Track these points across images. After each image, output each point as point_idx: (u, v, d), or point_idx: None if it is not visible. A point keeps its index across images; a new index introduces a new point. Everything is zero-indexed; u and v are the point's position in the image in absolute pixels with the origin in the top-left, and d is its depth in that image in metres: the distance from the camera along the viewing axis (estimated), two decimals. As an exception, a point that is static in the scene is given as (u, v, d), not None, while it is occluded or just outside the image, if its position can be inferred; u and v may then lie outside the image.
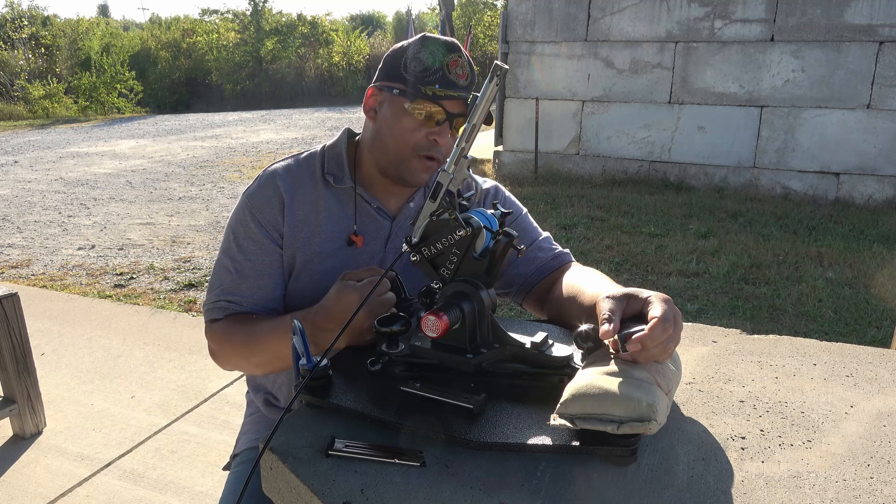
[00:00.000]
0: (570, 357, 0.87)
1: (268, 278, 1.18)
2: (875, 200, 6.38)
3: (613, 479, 0.71)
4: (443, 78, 1.10)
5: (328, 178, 1.19)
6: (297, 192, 1.18)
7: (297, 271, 1.18)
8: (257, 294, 1.18)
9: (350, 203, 1.20)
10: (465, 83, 1.12)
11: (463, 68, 1.12)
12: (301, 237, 1.17)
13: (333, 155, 1.23)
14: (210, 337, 1.20)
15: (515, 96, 7.70)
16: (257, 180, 1.22)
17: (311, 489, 0.71)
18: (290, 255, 1.18)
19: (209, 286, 1.22)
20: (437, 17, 18.52)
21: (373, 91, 1.18)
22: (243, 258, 1.18)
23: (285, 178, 1.19)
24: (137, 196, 7.33)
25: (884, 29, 6.04)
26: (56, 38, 21.79)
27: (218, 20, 24.74)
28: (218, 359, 1.22)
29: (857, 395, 0.90)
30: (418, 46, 1.12)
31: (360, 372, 0.93)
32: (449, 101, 1.10)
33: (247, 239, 1.18)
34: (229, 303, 1.18)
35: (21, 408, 2.57)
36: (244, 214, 1.19)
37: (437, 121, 1.11)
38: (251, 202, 1.19)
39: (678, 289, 4.10)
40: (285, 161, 1.23)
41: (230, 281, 1.18)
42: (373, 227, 1.20)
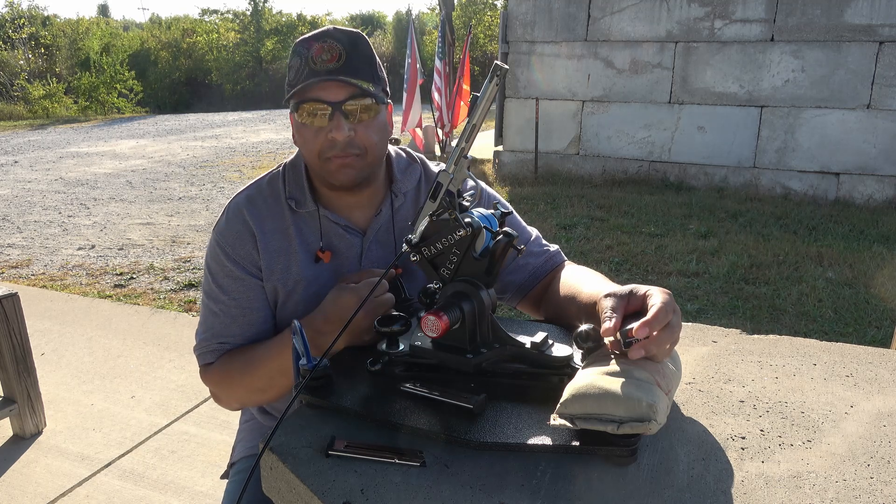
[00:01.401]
0: (570, 357, 0.87)
1: (255, 313, 1.14)
2: (875, 200, 6.38)
3: (613, 479, 0.71)
4: (308, 74, 1.04)
5: (290, 203, 1.15)
6: (265, 223, 1.14)
7: (282, 301, 1.15)
8: (249, 331, 1.15)
9: (316, 225, 1.15)
10: (337, 63, 1.04)
11: (330, 50, 1.04)
12: (278, 269, 1.14)
13: (294, 176, 1.18)
14: (208, 380, 1.17)
15: (515, 96, 7.70)
16: (225, 214, 1.17)
17: (311, 489, 0.71)
18: (271, 287, 1.14)
19: (198, 330, 1.18)
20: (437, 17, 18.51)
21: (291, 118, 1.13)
22: (227, 298, 1.14)
23: (251, 210, 1.15)
24: (137, 196, 7.33)
25: (884, 29, 6.04)
26: (56, 38, 21.80)
27: (218, 20, 24.75)
28: (220, 399, 1.19)
29: (857, 395, 0.90)
30: (291, 55, 1.08)
31: (360, 372, 0.93)
32: (322, 89, 1.04)
33: (226, 278, 1.14)
34: (221, 344, 1.14)
35: (21, 408, 2.57)
36: (217, 252, 1.15)
37: (328, 116, 1.05)
38: (222, 239, 1.14)
39: (678, 289, 4.10)
40: (249, 190, 1.18)
41: (218, 324, 1.14)
42: (344, 246, 1.16)
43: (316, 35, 1.06)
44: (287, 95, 1.08)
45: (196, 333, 1.19)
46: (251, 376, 1.10)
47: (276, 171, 1.20)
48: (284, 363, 1.04)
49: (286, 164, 1.20)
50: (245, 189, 1.19)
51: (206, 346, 1.15)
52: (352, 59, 1.05)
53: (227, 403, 1.19)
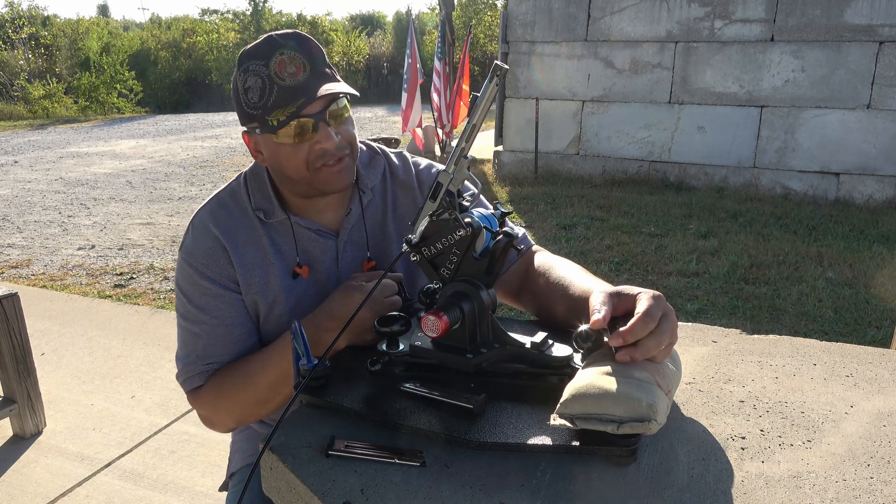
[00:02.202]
0: (570, 357, 0.87)
1: (240, 328, 1.10)
2: (875, 200, 6.38)
3: (613, 479, 0.71)
4: (280, 93, 0.99)
5: (258, 214, 1.11)
6: (236, 236, 1.10)
7: (264, 315, 1.11)
8: (235, 348, 1.10)
9: (289, 234, 1.12)
10: (304, 75, 1.01)
11: (292, 62, 1.00)
12: (256, 282, 1.10)
13: (257, 187, 1.14)
14: (199, 404, 1.11)
15: (515, 96, 7.70)
16: (190, 233, 1.12)
17: (311, 489, 0.71)
18: (251, 301, 1.10)
19: (178, 355, 1.13)
20: (437, 17, 18.52)
21: (245, 137, 1.10)
22: (208, 318, 1.09)
23: (219, 224, 1.10)
24: (137, 196, 7.33)
25: (884, 29, 6.04)
26: (56, 38, 21.79)
27: (218, 20, 24.75)
28: (213, 422, 1.13)
29: (857, 395, 0.90)
30: (243, 75, 1.02)
31: (360, 372, 0.93)
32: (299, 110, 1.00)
33: (203, 297, 1.09)
34: (208, 366, 1.09)
35: (21, 408, 2.57)
36: (190, 274, 1.10)
37: (310, 128, 1.02)
38: (192, 258, 1.10)
39: (678, 289, 4.10)
40: (211, 205, 1.14)
41: (202, 345, 1.09)
42: (319, 251, 1.14)
43: (266, 46, 1.01)
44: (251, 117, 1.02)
45: (177, 359, 1.13)
46: (252, 388, 1.06)
47: (234, 183, 1.16)
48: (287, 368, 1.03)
49: (245, 174, 1.16)
50: (206, 204, 1.14)
51: (192, 369, 1.10)
52: (315, 64, 1.03)
53: (221, 425, 1.14)
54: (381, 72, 22.89)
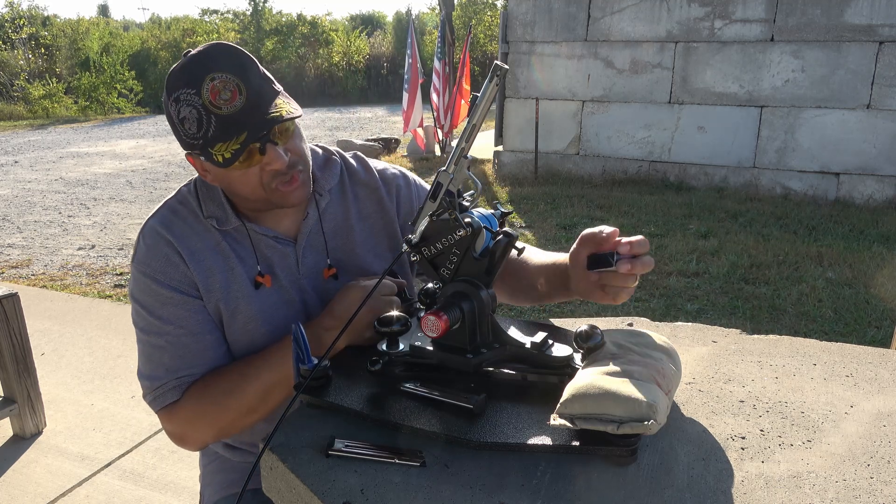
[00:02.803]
0: (570, 357, 0.87)
1: (209, 335, 1.05)
2: (875, 200, 6.38)
3: (613, 479, 0.72)
4: (218, 125, 0.93)
5: (210, 221, 1.07)
6: (190, 241, 1.05)
7: (227, 321, 1.06)
8: (206, 356, 1.04)
9: (246, 240, 1.08)
10: (242, 99, 0.93)
11: (226, 87, 0.93)
12: (217, 286, 1.05)
13: (208, 194, 1.09)
14: (174, 420, 1.04)
15: (515, 96, 7.70)
16: (141, 243, 1.07)
17: (311, 489, 0.71)
18: (213, 306, 1.05)
19: (141, 372, 1.06)
20: (437, 17, 18.52)
21: (191, 159, 1.04)
22: (173, 328, 1.03)
23: (172, 231, 1.05)
24: (137, 196, 7.33)
25: (884, 29, 6.04)
26: (56, 39, 21.78)
27: (218, 20, 24.74)
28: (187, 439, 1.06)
29: (857, 395, 0.90)
30: (174, 105, 0.95)
31: (360, 372, 0.93)
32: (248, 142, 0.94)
33: (165, 307, 1.03)
34: (180, 379, 1.03)
35: (21, 408, 2.57)
36: (148, 284, 1.04)
37: (257, 152, 0.96)
38: (148, 268, 1.04)
39: (678, 289, 4.10)
40: (160, 213, 1.09)
41: (170, 357, 1.03)
42: (278, 258, 1.10)
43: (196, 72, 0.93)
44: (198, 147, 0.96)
45: (140, 377, 1.06)
46: (241, 396, 1.01)
47: (183, 189, 1.12)
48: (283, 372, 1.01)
49: (194, 182, 1.12)
50: (155, 213, 1.10)
51: (162, 385, 1.03)
52: (249, 82, 0.95)
53: (197, 441, 1.07)
54: (380, 72, 22.89)
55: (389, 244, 1.21)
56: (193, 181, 1.12)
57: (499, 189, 7.19)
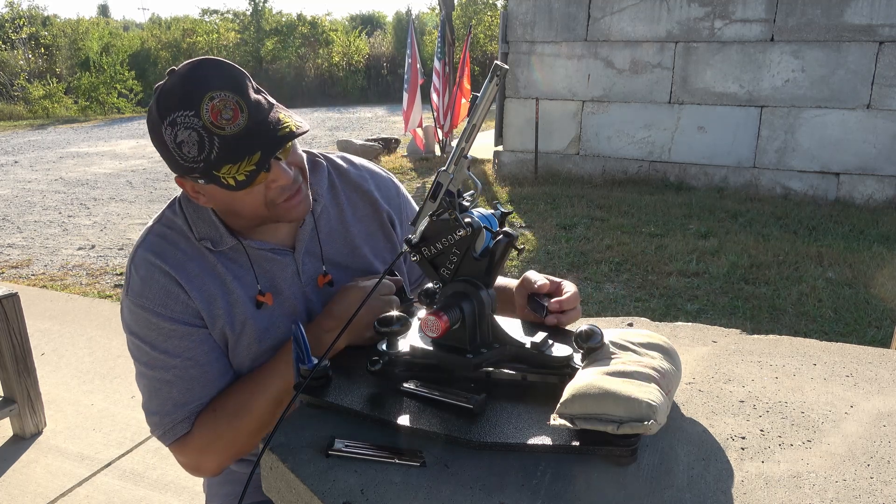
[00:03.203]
0: (570, 357, 0.87)
1: (215, 364, 1.02)
2: (875, 200, 6.37)
3: (613, 479, 0.71)
4: (222, 146, 0.89)
5: (204, 244, 1.02)
6: (187, 267, 1.01)
7: (232, 345, 1.04)
8: (215, 385, 1.02)
9: (243, 259, 1.05)
10: (245, 118, 0.90)
11: (226, 106, 0.89)
12: (220, 311, 1.02)
13: (196, 214, 1.04)
14: (188, 452, 1.01)
15: (515, 96, 7.70)
16: (135, 275, 1.01)
17: (311, 489, 0.71)
18: (218, 333, 1.03)
19: (148, 408, 1.02)
20: (437, 17, 18.52)
21: (181, 182, 1.00)
22: (178, 361, 1.00)
23: (166, 259, 1.00)
24: (137, 196, 7.33)
25: (884, 29, 6.04)
26: (56, 39, 21.78)
27: (218, 20, 24.73)
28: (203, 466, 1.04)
29: (857, 395, 0.90)
30: (170, 130, 0.90)
31: (360, 372, 0.93)
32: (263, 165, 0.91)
33: (169, 340, 0.99)
34: (189, 410, 1.01)
35: (21, 408, 2.57)
36: (146, 319, 0.99)
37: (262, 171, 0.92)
38: (146, 301, 0.99)
39: (678, 289, 4.10)
40: (149, 241, 1.03)
41: (178, 392, 1.00)
42: (277, 270, 1.07)
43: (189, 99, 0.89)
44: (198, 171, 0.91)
45: (148, 413, 1.02)
46: (252, 413, 1.00)
47: (168, 212, 1.06)
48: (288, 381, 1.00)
49: (178, 201, 1.06)
50: (143, 241, 1.03)
51: (172, 420, 1.00)
52: (250, 101, 0.91)
53: (213, 467, 1.04)
54: (381, 72, 22.88)
55: (386, 242, 1.21)
56: (177, 201, 1.07)
57: (499, 189, 7.19)
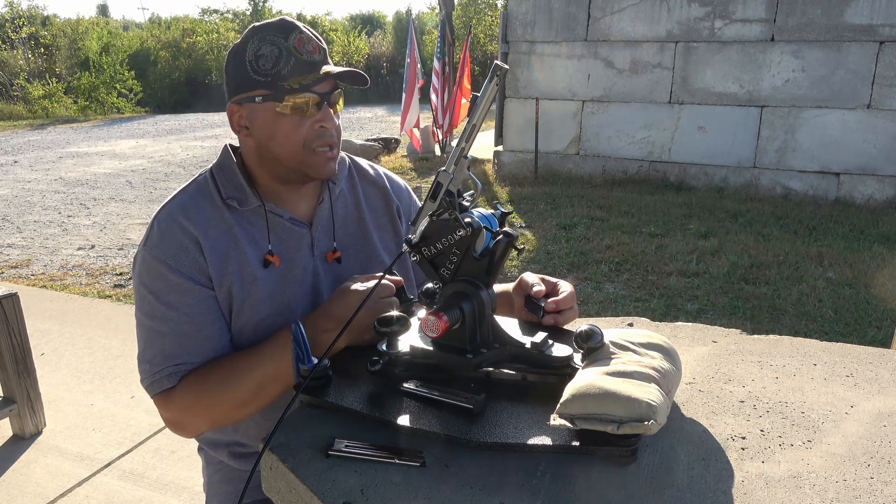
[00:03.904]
0: (570, 357, 0.87)
1: (211, 325, 1.06)
2: (875, 200, 6.38)
3: (613, 479, 0.71)
4: (297, 64, 1.03)
5: (230, 202, 1.09)
6: (208, 227, 1.07)
7: (238, 306, 1.07)
8: (205, 346, 1.05)
9: (261, 222, 1.11)
10: (320, 55, 1.06)
11: (310, 41, 1.05)
12: (230, 270, 1.07)
13: (227, 178, 1.12)
14: (170, 406, 1.06)
15: (515, 96, 7.70)
16: (156, 228, 1.08)
17: (311, 489, 0.71)
18: (225, 292, 1.07)
19: (141, 357, 1.07)
20: (437, 17, 18.52)
21: (233, 108, 1.09)
22: (176, 314, 1.04)
23: (189, 216, 1.07)
24: (137, 196, 7.33)
25: (884, 29, 6.04)
26: (55, 38, 21.78)
27: (218, 20, 24.75)
28: (185, 427, 1.09)
29: (857, 395, 0.90)
30: (256, 43, 1.04)
31: (360, 372, 0.93)
32: (316, 83, 1.04)
33: (171, 293, 1.04)
34: (178, 366, 1.04)
35: (21, 408, 2.57)
36: (158, 268, 1.04)
37: (314, 106, 1.05)
38: (161, 253, 1.05)
39: (678, 289, 4.10)
40: (177, 199, 1.11)
41: (170, 344, 1.04)
42: (293, 240, 1.13)
43: (284, 25, 1.05)
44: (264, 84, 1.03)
45: (139, 361, 1.07)
46: (236, 389, 1.02)
47: (200, 178, 1.14)
48: (279, 367, 1.02)
49: (211, 170, 1.15)
50: (171, 200, 1.11)
51: (159, 371, 1.04)
52: (325, 50, 1.08)
53: (192, 429, 1.10)
54: (380, 72, 22.89)
55: (395, 236, 1.26)
56: (210, 170, 1.15)
57: (499, 189, 7.19)
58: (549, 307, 1.02)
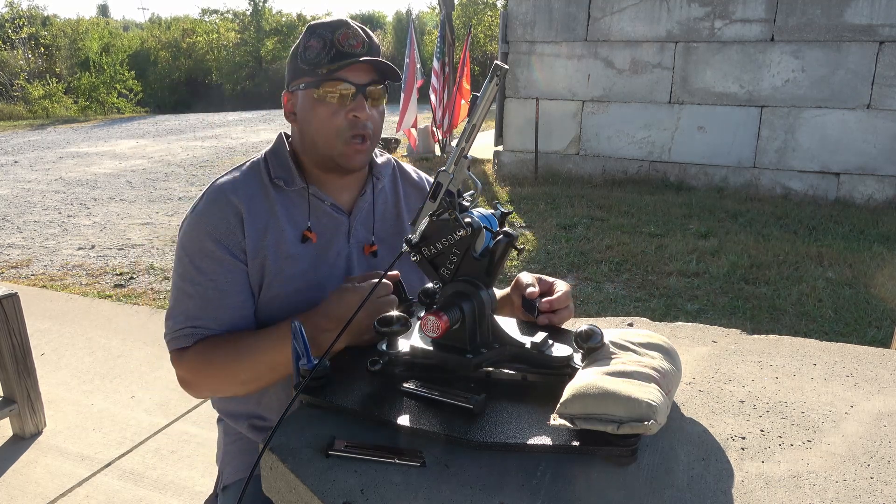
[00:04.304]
0: (570, 357, 0.87)
1: (234, 297, 1.12)
2: (875, 200, 6.38)
3: (613, 479, 0.71)
4: (336, 53, 1.10)
5: (277, 182, 1.16)
6: (252, 201, 1.15)
7: (269, 279, 1.13)
8: (225, 315, 1.12)
9: (304, 204, 1.17)
10: (363, 49, 1.11)
11: (355, 37, 1.11)
12: (265, 244, 1.13)
13: (278, 161, 1.20)
14: (182, 365, 1.12)
15: (515, 96, 7.70)
16: (205, 198, 1.16)
17: (311, 489, 0.71)
18: (258, 265, 1.13)
19: (168, 314, 1.15)
20: (437, 16, 18.51)
21: (286, 96, 1.18)
22: (204, 280, 1.11)
23: (237, 191, 1.15)
24: (137, 196, 7.33)
25: (884, 29, 6.04)
26: (56, 39, 21.79)
27: (218, 20, 24.75)
28: (192, 387, 1.15)
29: (857, 395, 0.90)
30: (307, 37, 1.13)
31: (360, 372, 0.93)
32: (350, 71, 1.10)
33: (205, 259, 1.11)
34: (195, 328, 1.11)
35: (21, 408, 2.57)
36: (198, 234, 1.12)
37: (350, 96, 1.11)
38: (204, 220, 1.12)
39: (678, 289, 4.10)
40: (230, 175, 1.19)
41: (194, 306, 1.11)
42: (331, 225, 1.19)
43: (335, 22, 1.12)
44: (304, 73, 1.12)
45: (166, 318, 1.15)
46: (237, 367, 1.08)
47: (255, 159, 1.22)
48: (277, 357, 1.05)
49: (266, 152, 1.22)
50: (224, 175, 1.20)
51: (180, 330, 1.12)
52: (372, 47, 1.14)
53: (198, 391, 1.17)
54: (381, 72, 22.86)
55: None
56: (265, 152, 1.22)
57: (499, 189, 7.19)
58: (542, 306, 1.03)
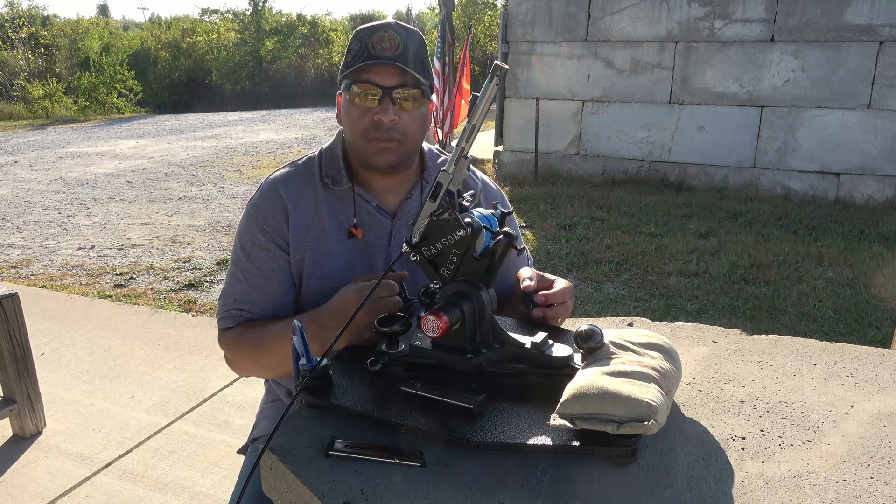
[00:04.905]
0: (570, 357, 0.87)
1: (277, 285, 1.20)
2: (875, 200, 6.37)
3: (613, 479, 0.71)
4: (367, 56, 1.12)
5: (326, 180, 1.21)
6: (299, 198, 1.20)
7: (308, 274, 1.19)
8: (267, 301, 1.20)
9: (349, 203, 1.21)
10: (395, 52, 1.13)
11: (390, 40, 1.13)
12: (307, 240, 1.19)
13: (330, 158, 1.25)
14: (223, 345, 1.22)
15: (515, 96, 7.70)
16: (260, 190, 1.24)
17: (311, 489, 0.71)
18: (297, 259, 1.19)
19: (221, 294, 1.25)
20: (437, 16, 18.52)
21: (338, 98, 1.22)
22: (252, 267, 1.20)
23: (287, 186, 1.21)
24: (137, 196, 7.33)
25: (884, 29, 6.03)
26: (56, 38, 21.78)
27: (218, 20, 24.74)
28: (232, 365, 1.25)
29: (857, 395, 0.90)
30: (351, 40, 1.16)
31: (360, 372, 0.93)
32: (376, 73, 1.12)
33: (254, 247, 1.20)
34: (241, 311, 1.20)
35: (21, 408, 2.57)
36: (250, 224, 1.21)
37: (376, 99, 1.13)
38: (256, 212, 1.21)
39: (678, 289, 4.10)
40: (285, 169, 1.26)
41: (241, 290, 1.20)
42: (374, 225, 1.21)
43: (378, 25, 1.15)
44: (342, 75, 1.16)
45: (220, 298, 1.25)
46: (261, 353, 1.15)
47: (312, 154, 1.28)
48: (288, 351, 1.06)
49: (323, 148, 1.27)
50: (281, 168, 1.27)
51: (227, 310, 1.21)
52: (408, 52, 1.15)
53: (237, 370, 1.26)
54: (380, 72, 22.85)
55: None
56: (322, 149, 1.28)
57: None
58: (538, 299, 1.03)
